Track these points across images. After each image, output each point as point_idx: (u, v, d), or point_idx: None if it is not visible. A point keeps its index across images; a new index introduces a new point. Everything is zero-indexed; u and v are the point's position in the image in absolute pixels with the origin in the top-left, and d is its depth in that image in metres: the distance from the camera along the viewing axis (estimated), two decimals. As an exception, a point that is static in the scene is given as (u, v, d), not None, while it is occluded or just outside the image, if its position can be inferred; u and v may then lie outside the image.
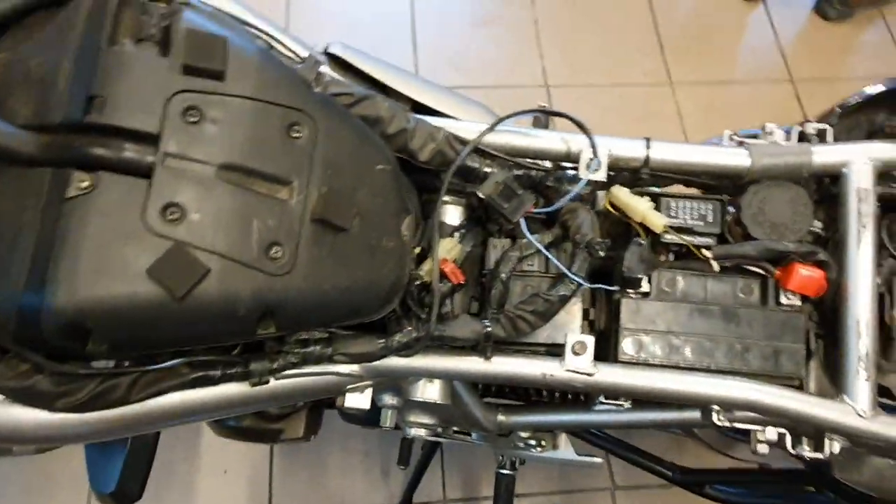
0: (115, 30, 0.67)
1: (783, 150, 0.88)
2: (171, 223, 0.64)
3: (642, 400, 0.93)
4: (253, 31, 0.82)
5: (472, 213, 0.94)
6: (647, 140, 0.90)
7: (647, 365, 0.86)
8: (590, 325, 0.92)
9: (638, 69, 2.57)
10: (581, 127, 0.86)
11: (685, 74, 2.57)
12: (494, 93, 2.51)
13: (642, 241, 0.86)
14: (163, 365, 0.72)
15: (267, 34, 0.84)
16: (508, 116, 0.89)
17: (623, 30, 2.64)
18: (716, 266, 0.88)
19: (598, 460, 1.22)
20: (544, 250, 0.84)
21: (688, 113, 2.51)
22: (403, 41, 2.60)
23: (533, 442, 1.14)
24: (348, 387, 0.87)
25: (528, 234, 0.84)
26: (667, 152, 0.90)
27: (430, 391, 0.91)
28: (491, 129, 0.88)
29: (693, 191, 0.95)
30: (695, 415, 0.92)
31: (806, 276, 0.84)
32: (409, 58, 2.57)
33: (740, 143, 0.92)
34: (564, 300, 0.83)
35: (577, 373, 0.83)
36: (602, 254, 0.84)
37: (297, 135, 0.73)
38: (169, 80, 0.67)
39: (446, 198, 0.94)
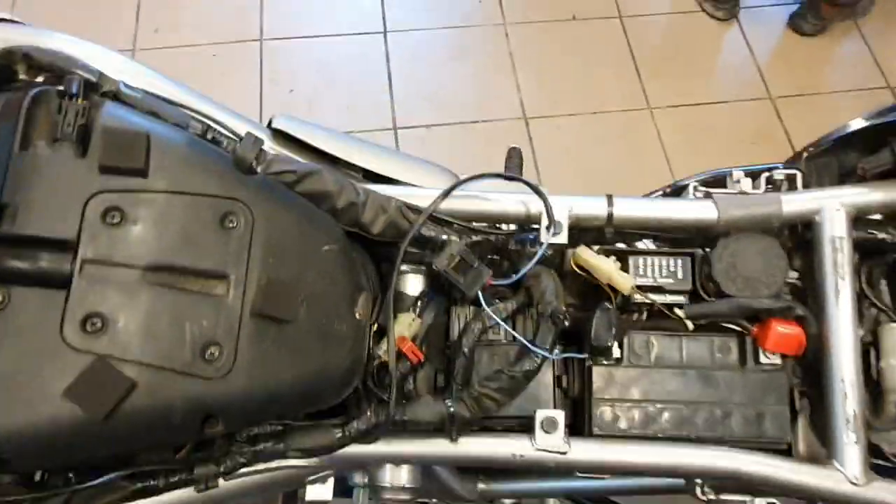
0: (27, 132, 0.63)
1: (751, 201, 0.84)
2: (92, 335, 0.60)
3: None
4: (186, 111, 0.79)
5: (434, 281, 0.90)
6: (609, 197, 0.86)
7: (623, 437, 0.81)
8: (563, 393, 0.87)
9: (616, 95, 2.55)
10: (536, 191, 0.82)
11: (663, 98, 2.55)
12: (472, 128, 2.49)
13: (609, 306, 0.81)
14: (97, 481, 0.68)
15: (202, 114, 0.80)
16: (462, 182, 0.85)
17: (599, 57, 2.62)
18: (690, 325, 0.83)
19: (589, 522, 1.16)
20: (504, 324, 0.80)
21: (668, 136, 2.49)
22: (379, 80, 2.58)
23: (517, 511, 1.09)
24: (309, 478, 0.82)
25: (487, 309, 0.80)
26: (630, 208, 0.86)
27: (398, 475, 0.86)
28: (445, 196, 0.85)
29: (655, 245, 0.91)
30: (680, 480, 0.87)
31: (784, 333, 0.79)
32: (385, 96, 2.55)
33: (707, 195, 0.88)
34: (530, 375, 0.79)
35: (549, 452, 0.78)
36: (567, 323, 0.80)
37: (231, 225, 0.69)
38: (87, 182, 0.63)
39: (405, 267, 0.90)
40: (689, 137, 2.46)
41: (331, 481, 0.83)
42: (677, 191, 1.04)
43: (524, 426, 0.82)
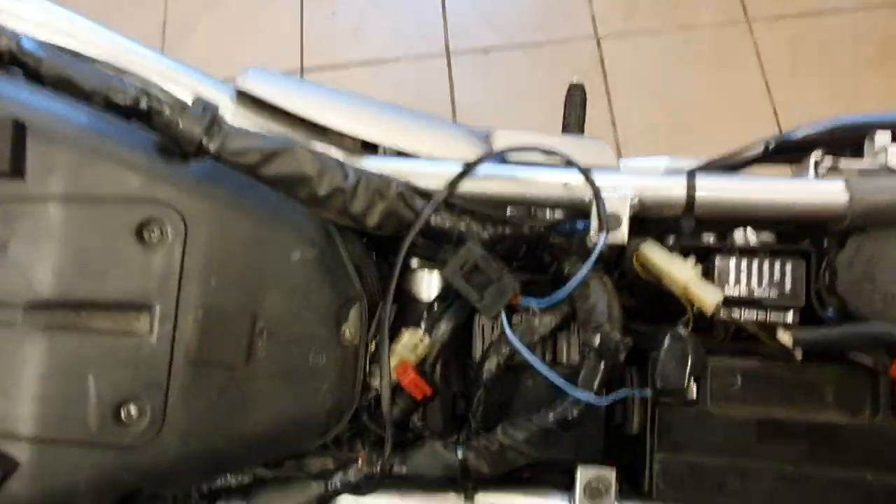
0: None
1: (903, 183, 0.58)
2: (-45, 405, 0.45)
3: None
4: (112, 73, 0.60)
5: (453, 280, 0.69)
6: (691, 175, 0.62)
7: (695, 508, 0.60)
8: (617, 429, 0.67)
9: (706, 6, 2.17)
10: (586, 176, 0.59)
11: (765, 6, 2.14)
12: (536, 51, 2.19)
13: (682, 333, 0.59)
14: None
15: (137, 75, 0.61)
16: (488, 157, 0.63)
17: (686, -42, 2.22)
18: (798, 355, 0.60)
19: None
20: (533, 358, 0.59)
21: (770, 56, 2.10)
22: (431, -1, 2.30)
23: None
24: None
25: (511, 336, 0.59)
26: (719, 190, 0.62)
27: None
28: (462, 176, 0.63)
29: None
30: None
31: (941, 379, 0.55)
32: (437, 17, 2.27)
33: (833, 168, 0.63)
34: (568, 426, 0.59)
35: (593, 523, 0.59)
36: (623, 357, 0.59)
37: (152, 237, 0.51)
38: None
39: (416, 262, 0.70)
40: (796, 58, 2.06)
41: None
42: (782, 148, 0.78)
43: (563, 471, 0.64)
